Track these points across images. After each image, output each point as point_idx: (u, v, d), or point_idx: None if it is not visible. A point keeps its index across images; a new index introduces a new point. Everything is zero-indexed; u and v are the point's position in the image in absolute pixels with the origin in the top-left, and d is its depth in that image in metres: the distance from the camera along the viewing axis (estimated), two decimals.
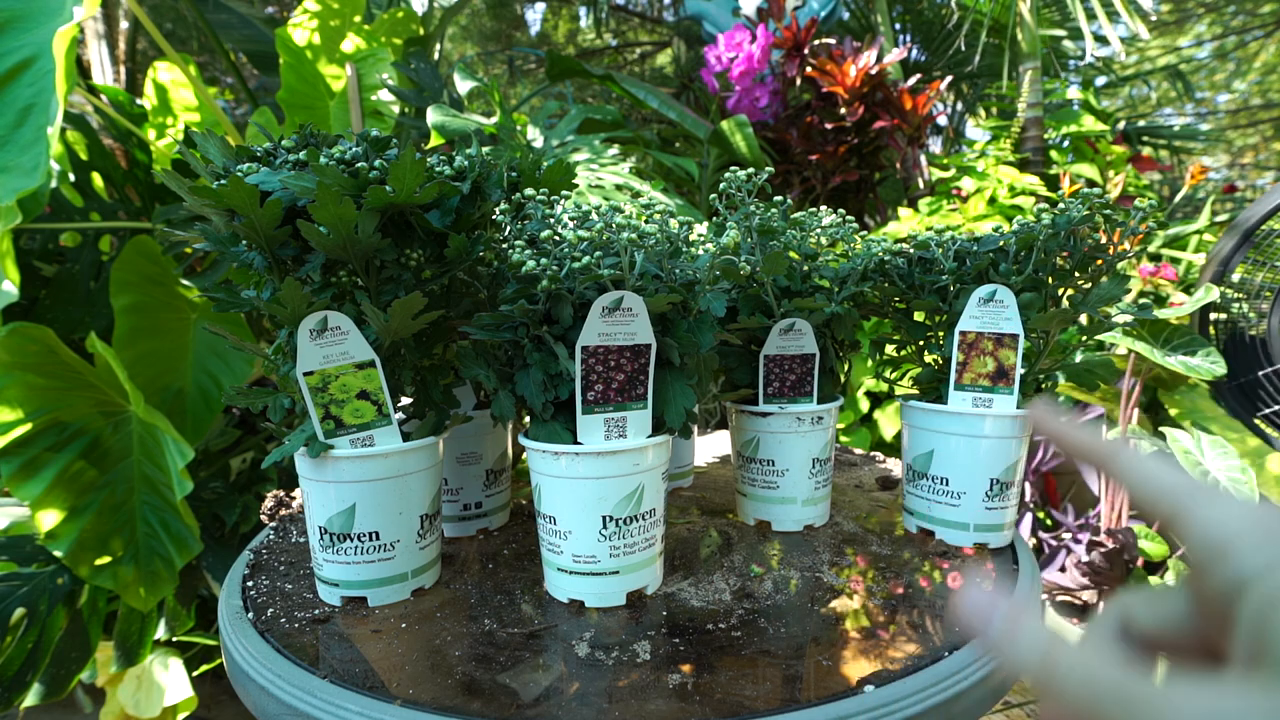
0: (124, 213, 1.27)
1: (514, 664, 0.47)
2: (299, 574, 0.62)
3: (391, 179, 0.49)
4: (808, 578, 0.60)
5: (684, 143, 2.47)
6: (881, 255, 0.68)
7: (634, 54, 4.71)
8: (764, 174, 0.64)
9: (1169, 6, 5.03)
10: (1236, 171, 6.55)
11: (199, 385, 1.26)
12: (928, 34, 2.91)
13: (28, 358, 1.01)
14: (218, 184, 0.48)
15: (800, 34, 2.11)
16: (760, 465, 0.70)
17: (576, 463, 0.52)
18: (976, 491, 0.64)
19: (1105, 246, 0.62)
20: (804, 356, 0.68)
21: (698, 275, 0.55)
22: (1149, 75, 4.03)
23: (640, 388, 0.54)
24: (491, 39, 4.64)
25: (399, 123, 1.56)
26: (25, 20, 0.94)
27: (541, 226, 0.56)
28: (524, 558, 0.65)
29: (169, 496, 1.08)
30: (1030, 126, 2.08)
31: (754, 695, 0.43)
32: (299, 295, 0.49)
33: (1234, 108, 6.20)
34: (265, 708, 0.46)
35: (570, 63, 1.92)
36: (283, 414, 0.57)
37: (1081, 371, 0.68)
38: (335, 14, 1.56)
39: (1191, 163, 2.31)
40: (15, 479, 1.01)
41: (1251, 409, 1.48)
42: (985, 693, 0.47)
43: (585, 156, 1.41)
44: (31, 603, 1.08)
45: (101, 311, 1.21)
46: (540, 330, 0.53)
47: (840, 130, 2.09)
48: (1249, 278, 1.48)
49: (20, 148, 0.86)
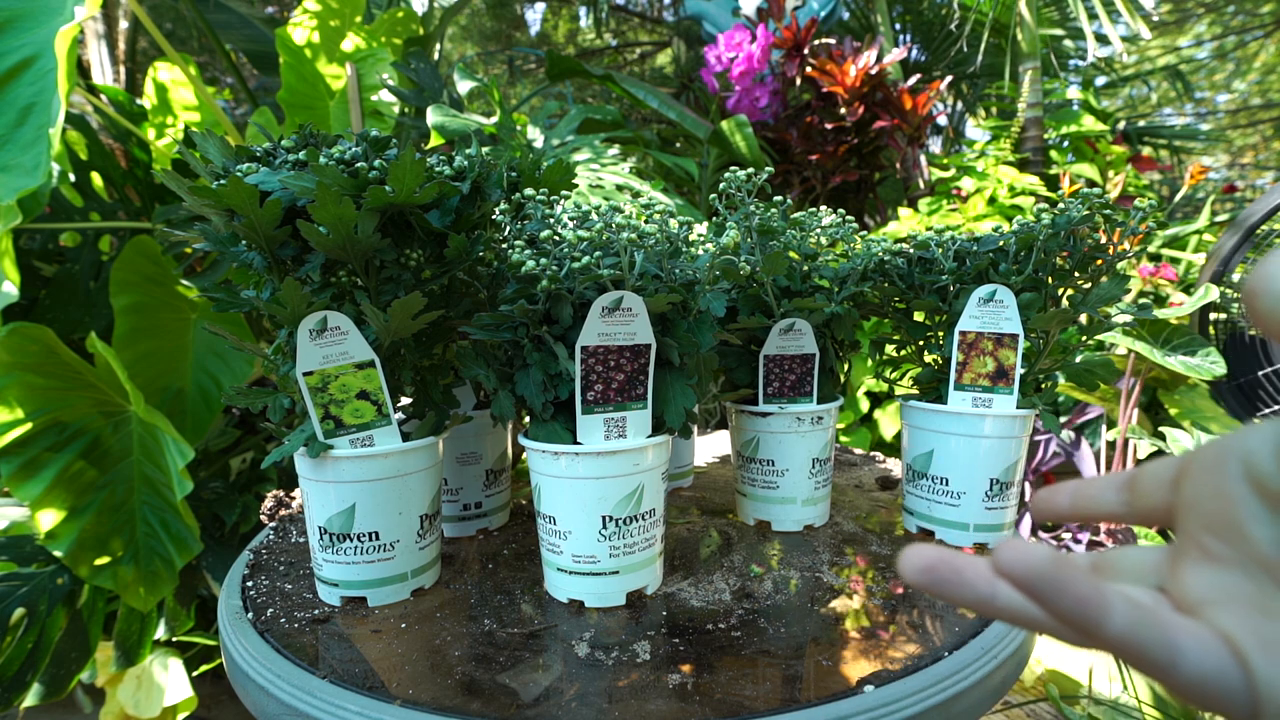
0: (124, 213, 1.27)
1: (514, 664, 0.47)
2: (299, 574, 0.62)
3: (391, 179, 0.49)
4: (808, 578, 0.60)
5: (684, 143, 2.47)
6: (881, 255, 0.68)
7: (634, 54, 4.71)
8: (764, 174, 0.64)
9: (1169, 6, 5.03)
10: (1236, 171, 6.55)
11: (199, 385, 1.26)
12: (928, 34, 2.91)
13: (28, 358, 1.01)
14: (217, 184, 0.48)
15: (800, 34, 2.11)
16: (760, 465, 0.70)
17: (576, 463, 0.52)
18: (976, 491, 0.64)
19: (1105, 246, 0.62)
20: (804, 356, 0.68)
21: (698, 275, 0.55)
22: (1149, 75, 4.03)
23: (640, 388, 0.54)
24: (491, 39, 4.64)
25: (399, 123, 1.56)
26: (26, 19, 0.94)
27: (541, 226, 0.56)
28: (524, 558, 0.65)
29: (169, 496, 1.08)
30: (1030, 126, 2.08)
31: (754, 695, 0.43)
32: (299, 295, 0.49)
33: (1234, 108, 6.20)
34: (265, 708, 0.46)
35: (570, 63, 1.92)
36: (282, 414, 0.57)
37: (1081, 371, 0.68)
38: (335, 14, 1.56)
39: (1191, 163, 2.30)
40: (15, 479, 1.01)
41: (1251, 409, 1.48)
42: (985, 693, 0.47)
43: (585, 156, 1.41)
44: (31, 603, 1.08)
45: (101, 311, 1.21)
46: (540, 330, 0.53)
47: (840, 130, 2.09)
48: (1249, 277, 1.48)
49: (21, 147, 0.86)
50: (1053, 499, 0.26)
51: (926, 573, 0.20)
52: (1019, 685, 1.22)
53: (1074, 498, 0.26)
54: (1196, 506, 0.21)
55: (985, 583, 0.20)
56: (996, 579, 0.20)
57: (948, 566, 0.20)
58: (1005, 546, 0.19)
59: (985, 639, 0.49)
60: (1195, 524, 0.21)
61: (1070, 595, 0.18)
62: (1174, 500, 0.22)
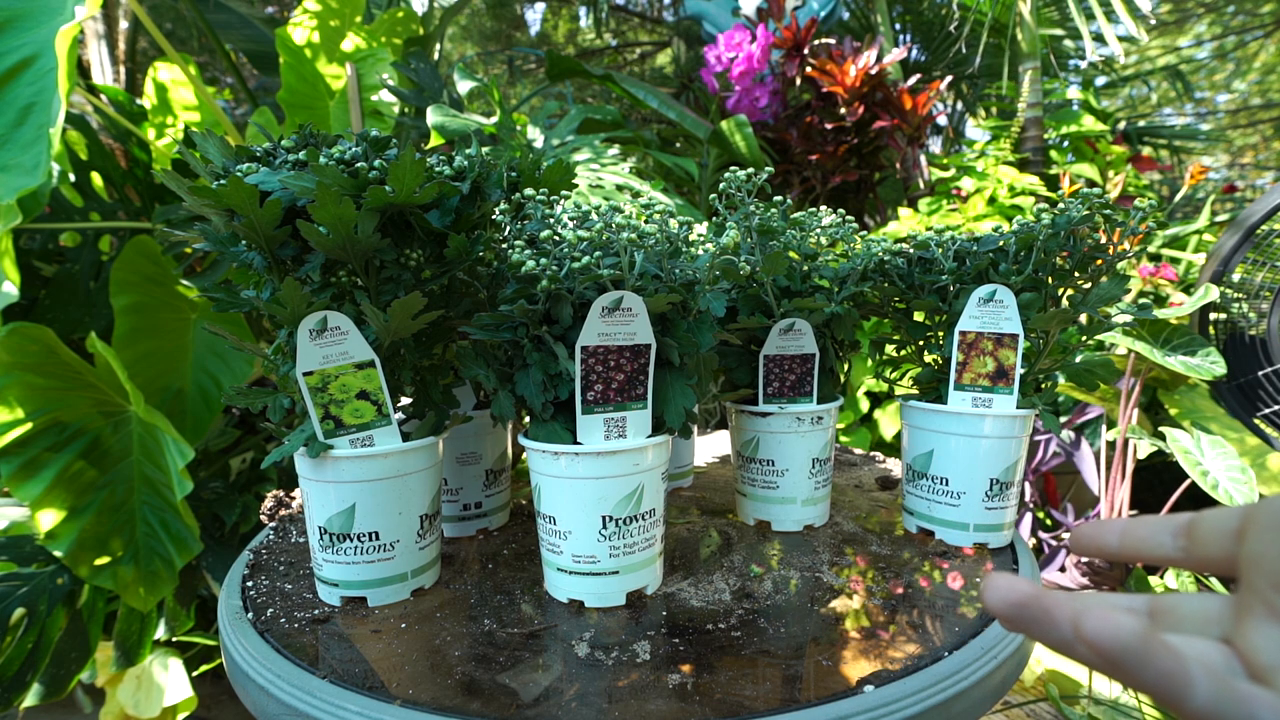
0: (124, 213, 1.27)
1: (514, 664, 0.47)
2: (299, 574, 0.62)
3: (391, 179, 0.49)
4: (807, 578, 0.60)
5: (684, 143, 2.47)
6: (881, 255, 0.68)
7: (634, 54, 4.71)
8: (764, 174, 0.64)
9: (1169, 6, 5.03)
10: (1236, 171, 6.55)
11: (199, 385, 1.26)
12: (928, 34, 2.91)
13: (28, 358, 1.01)
14: (217, 184, 0.48)
15: (800, 34, 2.11)
16: (760, 465, 0.69)
17: (576, 463, 0.52)
18: (976, 491, 0.64)
19: (1105, 246, 0.62)
20: (804, 356, 0.68)
21: (697, 275, 0.55)
22: (1149, 75, 4.03)
23: (640, 388, 0.54)
24: (491, 39, 4.64)
25: (399, 123, 1.56)
26: (26, 19, 0.94)
27: (541, 226, 0.56)
28: (524, 558, 0.65)
29: (169, 496, 1.08)
30: (1030, 126, 2.08)
31: (754, 695, 0.43)
32: (299, 295, 0.49)
33: (1234, 108, 6.20)
34: (265, 708, 0.46)
35: (570, 63, 1.92)
36: (282, 414, 0.57)
37: (1081, 371, 0.68)
38: (335, 14, 1.56)
39: (1191, 163, 2.30)
40: (15, 479, 1.01)
41: (1251, 409, 1.48)
42: (985, 693, 0.47)
43: (585, 156, 1.41)
44: (31, 603, 1.08)
45: (101, 311, 1.21)
46: (540, 330, 0.53)
47: (840, 130, 2.09)
48: (1249, 277, 1.48)
49: (21, 146, 0.86)
50: (1100, 536, 0.25)
51: (1017, 609, 0.20)
52: (1019, 685, 1.22)
53: (1124, 538, 0.25)
54: (1265, 563, 0.20)
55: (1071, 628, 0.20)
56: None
57: (1038, 606, 0.20)
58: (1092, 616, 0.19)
59: (985, 639, 0.49)
60: (1264, 580, 0.20)
61: (1155, 669, 0.18)
62: (1238, 552, 0.22)
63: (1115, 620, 0.18)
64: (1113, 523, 0.25)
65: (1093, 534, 0.26)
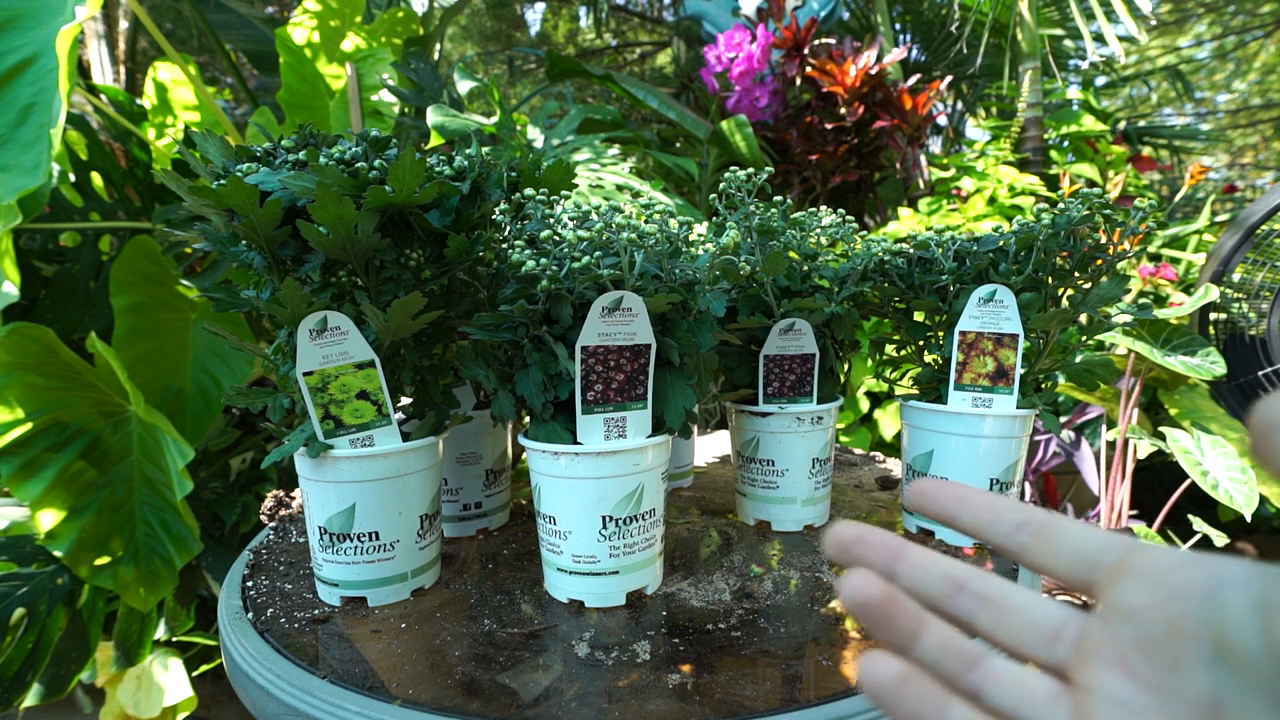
0: (124, 213, 1.27)
1: (514, 664, 0.47)
2: (299, 574, 0.62)
3: (391, 179, 0.49)
4: (807, 578, 0.60)
5: (684, 143, 2.47)
6: (881, 255, 0.68)
7: (634, 54, 4.71)
8: (764, 174, 0.64)
9: (1169, 6, 5.03)
10: (1236, 171, 6.55)
11: (199, 385, 1.26)
12: (928, 34, 2.91)
13: (28, 358, 1.01)
14: (217, 184, 0.48)
15: (800, 34, 2.11)
16: (760, 465, 0.69)
17: (576, 463, 0.52)
18: None
19: (1105, 246, 0.62)
20: (804, 356, 0.68)
21: (697, 275, 0.55)
22: (1149, 75, 4.03)
23: (640, 388, 0.54)
24: (491, 39, 4.64)
25: (399, 123, 1.56)
26: (27, 19, 0.94)
27: (541, 226, 0.56)
28: (524, 558, 0.65)
29: (169, 496, 1.08)
30: (1030, 126, 2.07)
31: (754, 695, 0.43)
32: (299, 295, 0.49)
33: (1234, 108, 6.20)
34: (265, 708, 0.46)
35: (570, 63, 1.92)
36: (282, 414, 0.57)
37: (1081, 371, 0.68)
38: (335, 14, 1.56)
39: (1191, 163, 2.30)
40: (15, 479, 1.01)
41: (1251, 409, 1.48)
42: None
43: (585, 156, 1.41)
44: (31, 603, 1.08)
45: (101, 311, 1.21)
46: (540, 330, 0.53)
47: (840, 130, 2.09)
48: (1249, 277, 1.48)
49: (21, 146, 0.86)
50: (939, 497, 0.24)
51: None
52: None
53: (963, 506, 0.24)
54: (1138, 618, 0.19)
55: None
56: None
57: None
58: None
59: None
60: (1128, 633, 0.19)
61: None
62: (1102, 587, 0.20)
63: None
64: (960, 488, 0.24)
65: (932, 492, 0.24)
